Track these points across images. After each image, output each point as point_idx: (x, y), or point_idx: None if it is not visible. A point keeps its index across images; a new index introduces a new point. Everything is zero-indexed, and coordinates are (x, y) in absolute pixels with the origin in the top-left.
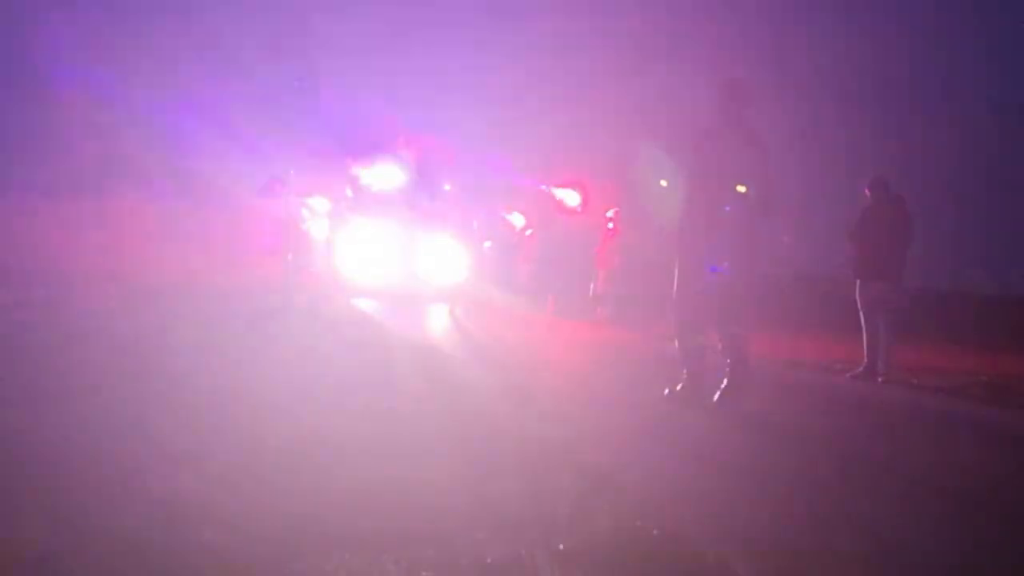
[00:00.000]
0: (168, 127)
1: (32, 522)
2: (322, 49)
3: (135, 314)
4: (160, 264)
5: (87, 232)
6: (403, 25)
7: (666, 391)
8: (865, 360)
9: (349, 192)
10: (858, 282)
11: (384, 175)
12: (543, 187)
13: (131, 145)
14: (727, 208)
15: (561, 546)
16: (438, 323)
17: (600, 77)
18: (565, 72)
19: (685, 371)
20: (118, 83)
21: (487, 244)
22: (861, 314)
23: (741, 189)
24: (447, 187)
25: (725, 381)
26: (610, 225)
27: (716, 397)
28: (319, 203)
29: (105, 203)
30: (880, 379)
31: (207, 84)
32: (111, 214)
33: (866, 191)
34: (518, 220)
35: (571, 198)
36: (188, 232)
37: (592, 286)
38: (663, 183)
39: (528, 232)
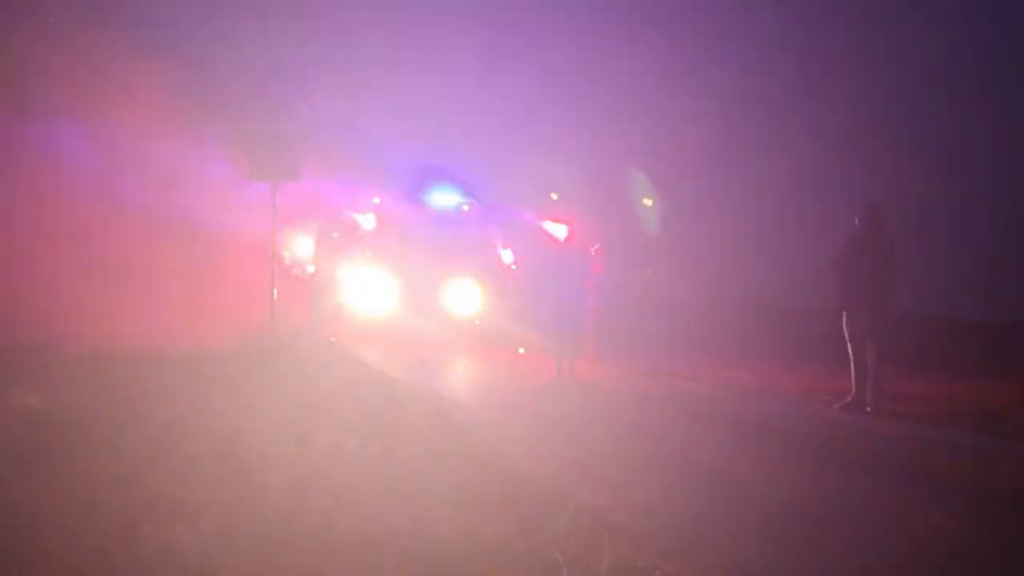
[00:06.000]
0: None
1: None
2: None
3: (121, 359)
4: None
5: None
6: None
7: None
8: (853, 391)
9: (335, 234)
10: (844, 313)
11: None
12: (540, 223)
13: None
14: None
15: None
16: (427, 361)
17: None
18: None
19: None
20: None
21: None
22: (848, 345)
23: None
24: (465, 207)
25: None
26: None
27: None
28: (303, 242)
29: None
30: (868, 409)
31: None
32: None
33: (856, 221)
34: (507, 256)
35: (560, 231)
36: (172, 271)
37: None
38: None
39: (513, 267)
